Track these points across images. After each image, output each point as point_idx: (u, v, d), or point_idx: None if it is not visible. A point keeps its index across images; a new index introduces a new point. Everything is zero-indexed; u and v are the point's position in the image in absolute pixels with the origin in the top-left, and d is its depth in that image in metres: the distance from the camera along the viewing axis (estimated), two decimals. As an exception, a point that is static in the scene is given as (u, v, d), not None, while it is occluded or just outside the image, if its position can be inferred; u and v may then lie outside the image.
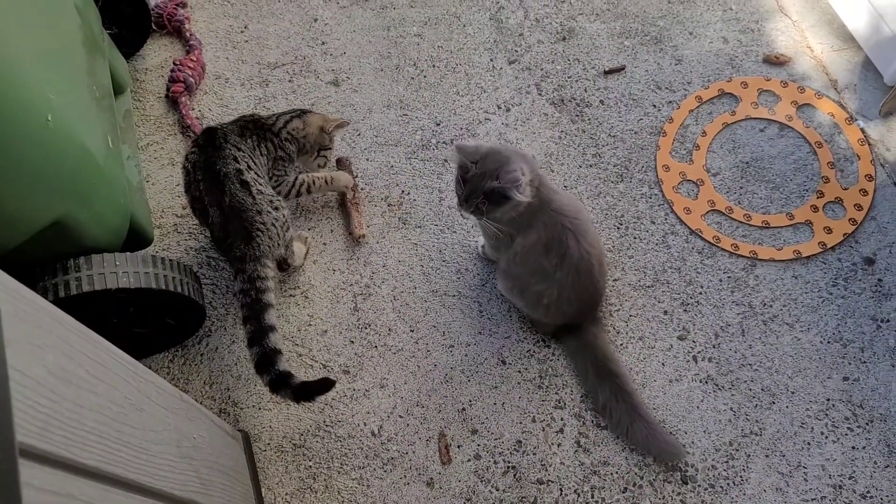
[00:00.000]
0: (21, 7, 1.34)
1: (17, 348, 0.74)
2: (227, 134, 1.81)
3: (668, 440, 1.75)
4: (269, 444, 1.83)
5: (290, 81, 2.36)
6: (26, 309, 0.81)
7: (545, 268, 1.72)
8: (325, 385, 1.61)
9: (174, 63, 2.30)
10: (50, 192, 1.33)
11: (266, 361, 1.63)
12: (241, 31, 2.46)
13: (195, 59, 2.32)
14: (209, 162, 1.74)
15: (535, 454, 1.80)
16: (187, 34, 2.39)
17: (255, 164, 1.82)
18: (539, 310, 1.82)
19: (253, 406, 1.87)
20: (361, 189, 2.16)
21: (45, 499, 0.72)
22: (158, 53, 2.40)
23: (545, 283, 1.74)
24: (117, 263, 1.54)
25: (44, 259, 1.48)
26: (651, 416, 1.77)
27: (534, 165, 1.70)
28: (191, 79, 2.27)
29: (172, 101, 2.29)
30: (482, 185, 1.62)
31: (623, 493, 1.74)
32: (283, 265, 1.95)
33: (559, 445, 1.81)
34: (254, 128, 1.88)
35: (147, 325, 1.76)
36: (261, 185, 1.78)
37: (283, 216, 1.80)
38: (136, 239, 1.76)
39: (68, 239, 1.46)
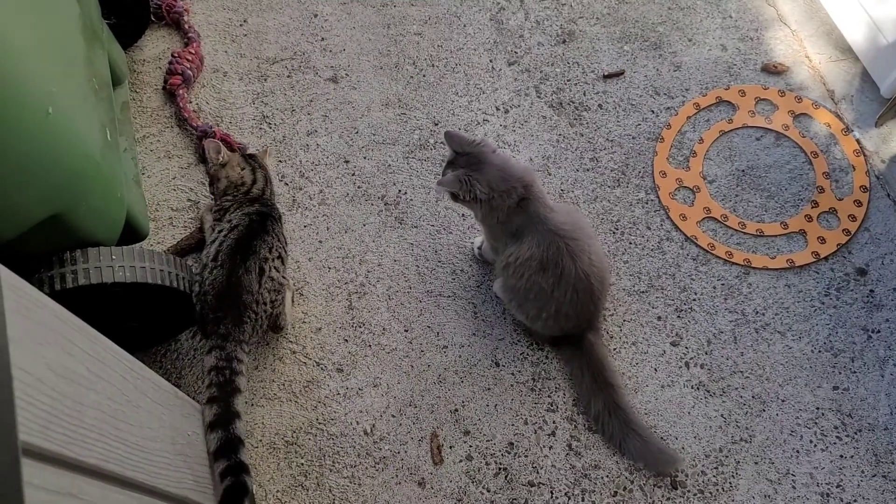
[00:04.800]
0: (22, -4, 1.33)
1: (20, 346, 0.74)
2: (276, 223, 1.84)
3: (662, 449, 1.76)
4: (261, 440, 1.82)
5: (288, 77, 2.35)
6: (29, 306, 0.81)
7: (542, 286, 1.73)
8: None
9: (172, 55, 2.28)
10: (49, 185, 1.32)
11: (229, 448, 1.51)
12: (241, 25, 2.45)
13: (193, 51, 2.31)
14: (251, 234, 1.75)
15: (526, 456, 1.81)
16: (186, 26, 2.37)
17: (282, 254, 1.84)
18: (537, 322, 1.83)
19: (245, 402, 1.86)
20: (359, 187, 2.16)
21: (46, 498, 0.72)
22: (156, 45, 2.39)
23: (542, 300, 1.75)
24: (113, 257, 1.53)
25: (39, 251, 1.47)
26: (644, 427, 1.78)
27: (524, 178, 1.73)
28: (189, 71, 2.25)
29: (170, 94, 2.27)
30: (444, 174, 1.78)
31: (613, 496, 1.75)
32: (275, 328, 1.90)
33: (551, 448, 1.81)
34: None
35: (141, 319, 1.75)
36: (273, 275, 1.76)
37: (282, 298, 1.81)
38: (131, 232, 1.75)
39: (65, 232, 1.45)
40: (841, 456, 1.80)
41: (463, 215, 2.11)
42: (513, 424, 1.84)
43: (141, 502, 0.99)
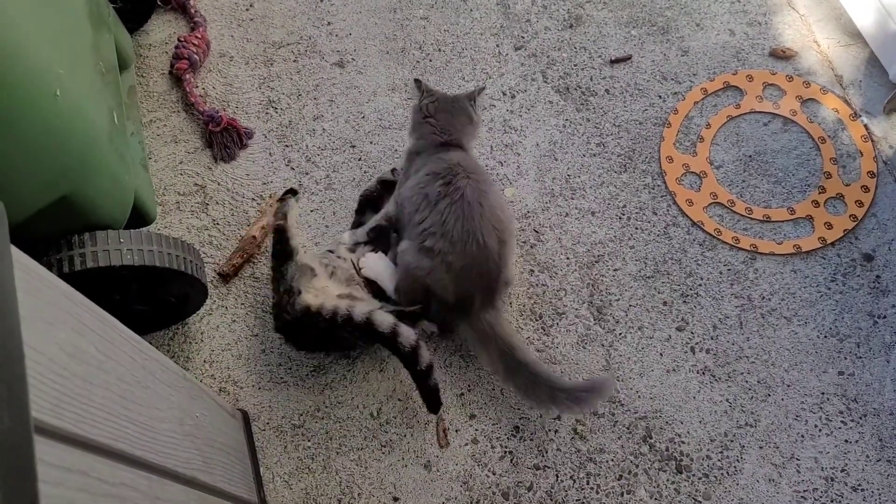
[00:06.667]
0: (30, -20, 1.33)
1: (30, 325, 0.74)
2: None
3: (592, 384, 1.74)
4: (268, 423, 1.84)
5: (294, 62, 2.34)
6: (39, 286, 0.82)
7: (428, 195, 1.77)
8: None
9: (179, 40, 2.28)
10: (57, 168, 1.33)
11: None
12: (247, 9, 2.44)
13: (200, 36, 2.30)
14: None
15: (532, 440, 1.82)
16: (192, 10, 2.37)
17: None
18: (426, 259, 1.76)
19: (252, 385, 1.88)
20: (365, 172, 2.16)
21: (58, 475, 0.73)
22: (163, 29, 2.39)
23: (431, 216, 1.75)
24: (121, 240, 1.54)
25: (48, 235, 1.48)
26: (564, 382, 1.74)
27: None
28: (195, 56, 2.25)
29: (176, 78, 2.27)
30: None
31: (618, 480, 1.76)
32: None
33: (556, 432, 1.82)
34: None
35: (149, 302, 1.76)
36: None
37: None
38: (139, 216, 1.76)
39: (73, 215, 1.46)
40: (846, 441, 1.80)
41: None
42: (518, 408, 1.85)
43: (149, 481, 1.00)
